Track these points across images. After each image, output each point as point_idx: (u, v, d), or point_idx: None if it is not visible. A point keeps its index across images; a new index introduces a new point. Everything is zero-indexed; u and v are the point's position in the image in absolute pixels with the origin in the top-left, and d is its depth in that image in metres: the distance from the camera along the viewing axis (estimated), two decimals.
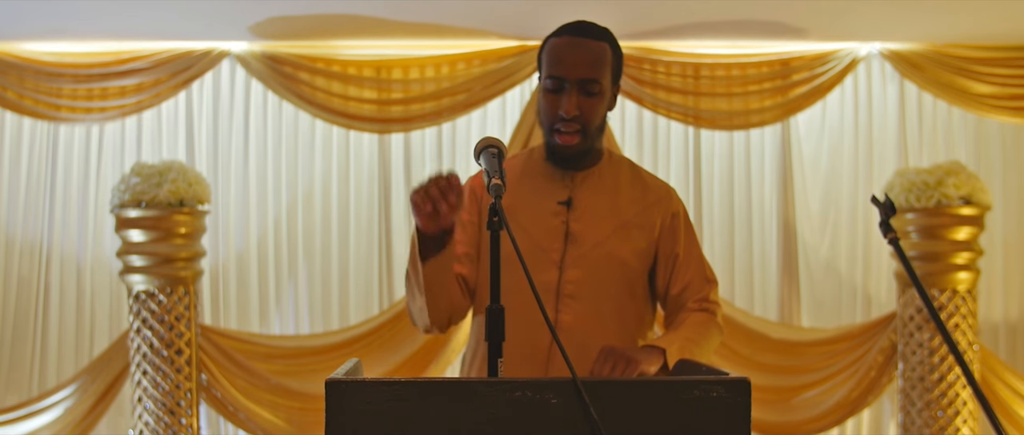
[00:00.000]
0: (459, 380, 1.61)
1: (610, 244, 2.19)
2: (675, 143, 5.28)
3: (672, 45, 5.11)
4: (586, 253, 2.17)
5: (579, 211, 2.20)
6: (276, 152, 5.16)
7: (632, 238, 2.21)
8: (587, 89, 2.12)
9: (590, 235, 2.18)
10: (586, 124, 2.14)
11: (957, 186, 4.67)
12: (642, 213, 2.24)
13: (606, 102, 2.18)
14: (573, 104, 2.11)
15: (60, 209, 5.09)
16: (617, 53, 2.20)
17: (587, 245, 2.17)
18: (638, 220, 2.23)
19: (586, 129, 2.14)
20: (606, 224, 2.20)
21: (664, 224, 2.25)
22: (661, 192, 2.28)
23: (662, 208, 2.25)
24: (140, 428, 4.65)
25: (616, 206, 2.23)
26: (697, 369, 1.93)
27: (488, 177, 1.77)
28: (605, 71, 2.15)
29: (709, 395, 1.57)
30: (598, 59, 2.14)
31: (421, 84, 5.04)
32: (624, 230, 2.21)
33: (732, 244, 5.26)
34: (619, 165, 2.31)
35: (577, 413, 1.54)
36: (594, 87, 2.12)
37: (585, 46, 2.14)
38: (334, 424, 1.55)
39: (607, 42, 2.18)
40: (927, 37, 5.03)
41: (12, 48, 4.92)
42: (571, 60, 2.13)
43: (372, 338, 4.91)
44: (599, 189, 2.24)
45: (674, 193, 2.31)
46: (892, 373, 4.98)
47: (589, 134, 2.16)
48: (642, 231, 2.22)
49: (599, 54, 2.14)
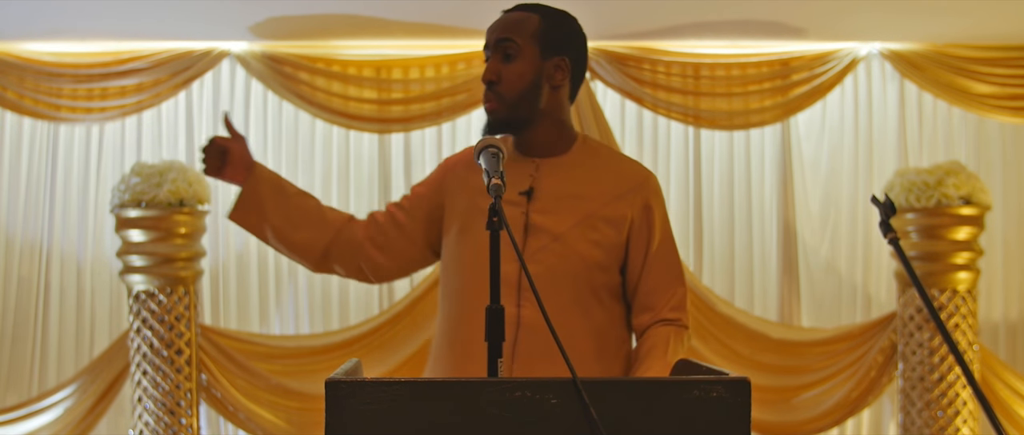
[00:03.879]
0: (459, 380, 1.61)
1: (571, 237, 2.11)
2: (675, 143, 5.28)
3: (672, 45, 5.11)
4: (546, 246, 2.11)
5: (541, 202, 2.13)
6: (276, 152, 5.16)
7: (598, 230, 2.13)
8: (505, 51, 2.13)
9: (550, 227, 2.11)
10: (504, 90, 2.12)
11: (957, 186, 4.67)
12: (611, 204, 2.15)
13: (528, 66, 2.13)
14: (490, 69, 2.14)
15: (60, 209, 5.09)
16: (553, 23, 2.17)
17: (546, 238, 2.11)
18: (606, 211, 2.14)
19: (503, 94, 2.13)
20: (569, 216, 2.13)
21: (635, 217, 2.16)
22: (636, 181, 2.19)
23: (633, 199, 2.16)
24: (140, 428, 4.65)
25: (582, 196, 2.15)
26: (697, 369, 1.93)
27: (488, 177, 1.76)
28: (522, 34, 2.13)
29: (709, 395, 1.57)
30: (515, 23, 2.16)
31: (421, 84, 5.04)
32: (589, 222, 2.13)
33: (732, 244, 5.26)
34: (594, 152, 2.23)
35: (577, 413, 1.53)
36: (509, 48, 2.13)
37: (506, 16, 2.20)
38: (334, 424, 1.55)
39: (538, 13, 2.17)
40: (927, 37, 5.03)
41: (12, 48, 4.92)
42: (492, 29, 2.19)
43: (372, 338, 4.91)
44: (566, 178, 2.16)
45: (652, 181, 2.20)
46: (892, 373, 4.98)
47: (506, 99, 2.13)
48: (610, 224, 2.14)
49: (518, 19, 2.16)
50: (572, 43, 2.19)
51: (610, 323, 2.18)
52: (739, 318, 5.03)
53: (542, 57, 2.14)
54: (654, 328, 2.15)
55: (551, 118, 2.17)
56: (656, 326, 2.15)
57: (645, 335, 2.15)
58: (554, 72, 2.15)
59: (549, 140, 2.18)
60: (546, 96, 2.15)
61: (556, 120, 2.18)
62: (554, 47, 2.15)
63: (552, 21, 2.17)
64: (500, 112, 2.14)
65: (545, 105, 2.16)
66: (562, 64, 2.16)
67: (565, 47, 2.17)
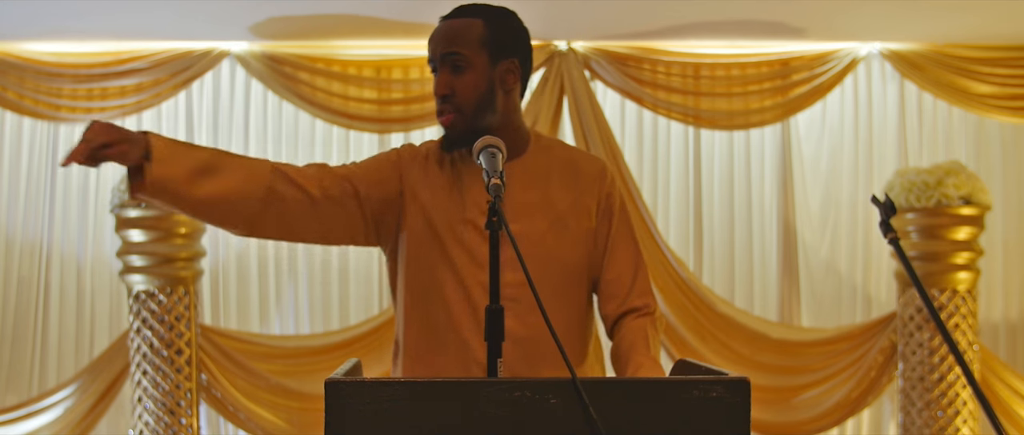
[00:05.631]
0: (459, 380, 1.61)
1: (547, 242, 2.09)
2: (675, 143, 5.28)
3: (672, 45, 5.11)
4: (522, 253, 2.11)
5: (510, 210, 2.06)
6: (276, 152, 5.16)
7: (570, 230, 2.12)
8: (453, 63, 2.06)
9: (524, 234, 2.07)
10: (460, 102, 2.06)
11: (957, 186, 4.67)
12: (577, 201, 2.13)
13: (481, 76, 2.06)
14: (441, 82, 2.07)
15: (60, 209, 5.09)
16: (497, 26, 2.09)
17: (521, 245, 2.00)
18: (573, 209, 2.13)
19: (461, 107, 2.06)
20: (540, 221, 2.10)
21: (599, 206, 2.15)
22: (594, 171, 2.17)
23: (595, 189, 2.15)
24: (140, 428, 4.65)
25: (548, 198, 2.12)
26: (697, 369, 1.93)
27: (488, 177, 1.75)
28: (469, 44, 2.06)
29: (709, 395, 1.57)
30: (459, 32, 2.07)
31: (421, 84, 5.04)
32: (560, 223, 2.11)
33: (732, 244, 5.26)
34: (549, 150, 2.19)
35: (577, 413, 1.53)
36: (458, 60, 2.05)
37: (448, 25, 2.10)
38: (334, 424, 1.55)
39: (480, 17, 2.09)
40: (927, 37, 5.03)
41: (12, 48, 4.92)
42: (435, 40, 2.10)
43: (372, 338, 4.91)
44: (528, 182, 2.12)
45: (608, 172, 2.19)
46: (892, 373, 4.98)
47: (465, 111, 2.06)
48: (578, 220, 2.13)
49: (461, 28, 2.08)
50: (519, 43, 2.13)
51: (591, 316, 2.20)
52: (739, 318, 5.03)
53: (492, 63, 2.08)
54: (627, 321, 2.13)
55: (506, 123, 2.11)
56: (628, 318, 2.13)
57: (620, 331, 2.13)
58: (505, 76, 2.10)
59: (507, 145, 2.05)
60: (500, 102, 2.11)
61: (511, 124, 2.13)
62: (502, 50, 2.09)
63: (496, 24, 2.10)
64: (459, 124, 2.07)
65: (500, 112, 2.10)
66: (512, 66, 2.11)
67: (512, 48, 2.11)
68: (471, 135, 2.01)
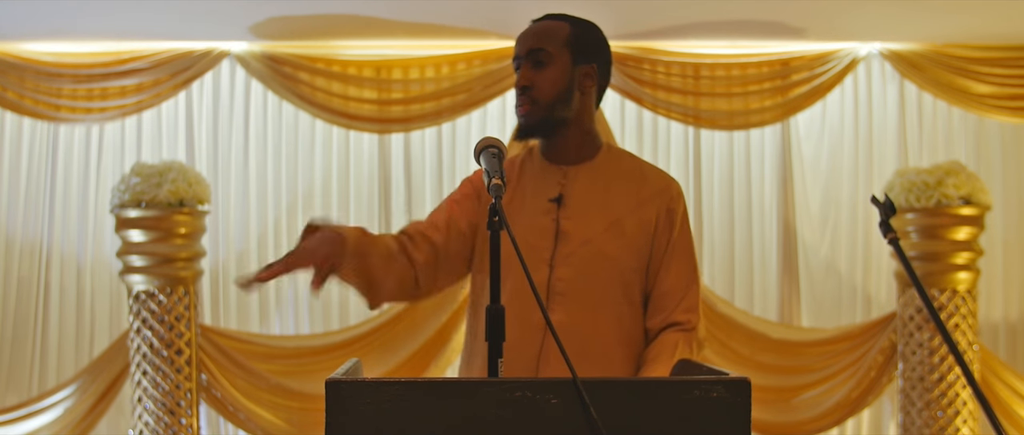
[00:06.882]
0: (459, 380, 1.61)
1: (600, 241, 2.16)
2: (675, 143, 5.28)
3: (672, 45, 5.11)
4: (575, 250, 2.15)
5: (570, 208, 2.18)
6: (276, 152, 5.16)
7: (626, 234, 2.18)
8: (536, 59, 2.18)
9: (580, 232, 2.16)
10: (538, 94, 2.17)
11: (957, 186, 4.67)
12: (637, 208, 2.20)
13: (561, 73, 2.18)
14: (523, 75, 2.19)
15: (60, 209, 5.09)
16: (582, 31, 2.23)
17: (576, 242, 2.15)
18: (633, 215, 2.19)
19: (537, 99, 2.17)
20: (597, 221, 2.18)
21: (660, 219, 2.21)
22: (660, 185, 2.24)
23: (658, 202, 2.21)
24: (140, 428, 4.65)
25: (609, 202, 2.20)
26: (697, 369, 1.93)
27: (488, 177, 1.76)
28: (554, 42, 2.19)
29: (709, 395, 1.57)
30: (546, 32, 2.21)
31: (421, 84, 5.04)
32: (617, 226, 2.18)
33: (732, 244, 5.26)
34: (619, 158, 2.29)
35: (577, 413, 1.54)
36: (541, 55, 2.18)
37: (537, 25, 2.25)
38: (334, 424, 1.55)
39: (566, 22, 2.23)
40: (927, 37, 5.03)
41: (12, 48, 4.92)
42: (522, 39, 2.23)
43: (372, 338, 4.91)
44: (593, 185, 2.21)
45: (675, 187, 2.25)
46: (892, 373, 4.98)
47: (541, 103, 2.17)
48: (637, 226, 2.19)
49: (548, 28, 2.22)
50: (600, 51, 2.25)
51: (638, 325, 2.22)
52: (739, 318, 5.04)
53: (573, 63, 2.19)
54: (664, 334, 2.17)
55: (579, 125, 2.22)
56: (666, 331, 2.18)
57: (655, 341, 2.18)
58: (583, 79, 2.21)
59: (577, 147, 2.23)
60: (576, 102, 2.20)
61: (584, 127, 2.23)
62: (584, 54, 2.21)
63: (581, 29, 2.23)
64: (535, 115, 2.17)
65: (575, 111, 2.21)
66: (591, 71, 2.21)
67: (594, 55, 2.23)
68: (545, 125, 2.18)
